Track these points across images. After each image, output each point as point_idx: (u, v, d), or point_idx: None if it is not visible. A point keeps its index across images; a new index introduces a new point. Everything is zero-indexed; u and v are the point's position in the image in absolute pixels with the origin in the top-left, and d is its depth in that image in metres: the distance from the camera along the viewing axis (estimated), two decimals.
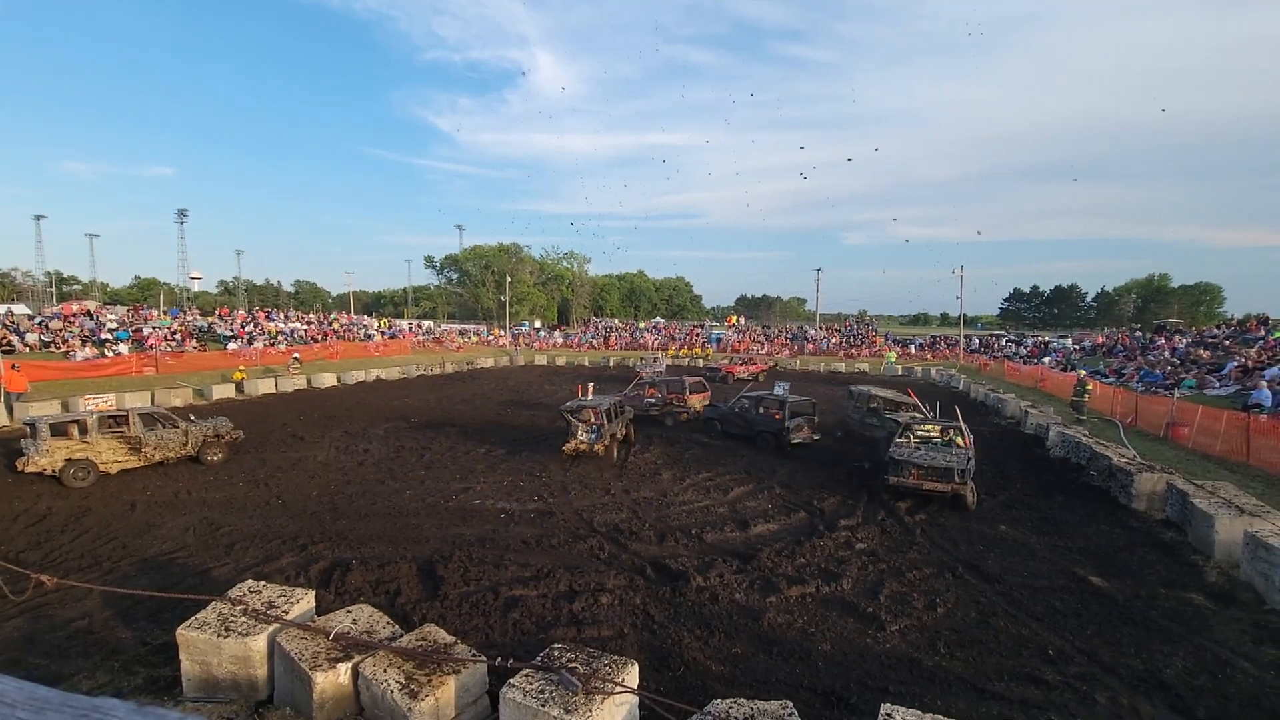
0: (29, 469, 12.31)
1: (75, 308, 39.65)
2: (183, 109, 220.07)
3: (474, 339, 61.67)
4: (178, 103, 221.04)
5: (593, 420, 15.27)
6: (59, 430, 12.91)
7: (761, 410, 17.01)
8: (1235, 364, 24.34)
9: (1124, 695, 5.80)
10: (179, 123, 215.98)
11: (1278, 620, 7.11)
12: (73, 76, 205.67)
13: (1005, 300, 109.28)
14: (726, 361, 41.33)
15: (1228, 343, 29.72)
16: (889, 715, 3.78)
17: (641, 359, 45.34)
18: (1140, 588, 8.16)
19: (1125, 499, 11.46)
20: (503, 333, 64.95)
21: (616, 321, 77.11)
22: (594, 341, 60.19)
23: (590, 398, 16.98)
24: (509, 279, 75.93)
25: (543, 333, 67.72)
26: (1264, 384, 19.37)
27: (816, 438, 16.75)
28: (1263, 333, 29.62)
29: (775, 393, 17.38)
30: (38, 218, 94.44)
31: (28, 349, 29.73)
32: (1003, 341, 52.76)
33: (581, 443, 14.97)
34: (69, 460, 12.56)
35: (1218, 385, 22.82)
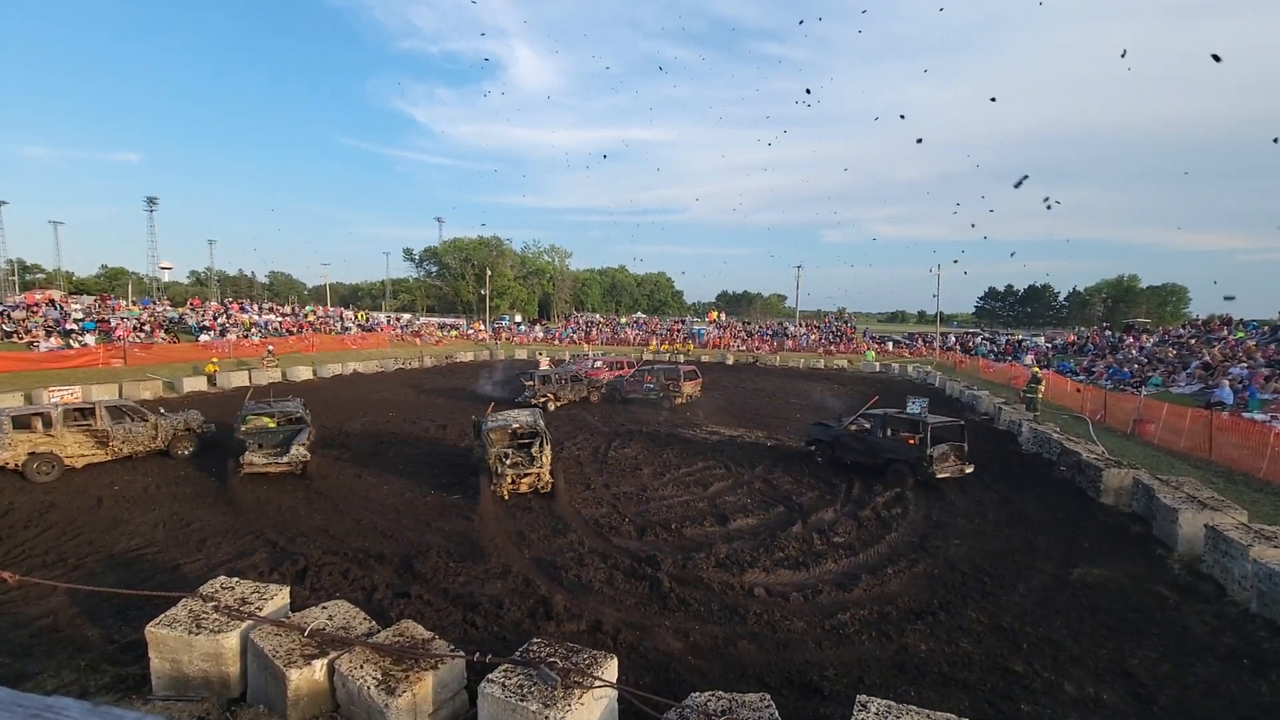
0: None
1: (39, 297, 38.49)
2: (148, 94, 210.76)
3: (453, 333, 60.94)
4: (143, 87, 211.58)
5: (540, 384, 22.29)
6: (22, 423, 12.50)
7: (890, 433, 13.95)
8: (1199, 363, 25.12)
9: (1090, 684, 5.96)
10: (144, 108, 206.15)
11: (1236, 610, 7.37)
12: (31, 58, 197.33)
13: (980, 299, 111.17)
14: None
15: (1193, 342, 30.66)
16: (864, 705, 3.84)
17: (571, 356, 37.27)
18: (1107, 579, 8.39)
19: (1094, 493, 11.77)
20: (483, 327, 64.31)
21: (598, 316, 76.81)
22: (575, 336, 59.92)
23: (551, 368, 24.01)
24: (489, 272, 75.25)
25: (523, 327, 67.07)
26: (1226, 382, 20.03)
27: (969, 470, 13.03)
28: (1225, 332, 30.60)
29: (909, 411, 14.11)
30: None
31: None
32: (978, 339, 53.65)
33: (538, 397, 21.68)
34: (32, 454, 12.19)
35: (1183, 383, 23.54)
